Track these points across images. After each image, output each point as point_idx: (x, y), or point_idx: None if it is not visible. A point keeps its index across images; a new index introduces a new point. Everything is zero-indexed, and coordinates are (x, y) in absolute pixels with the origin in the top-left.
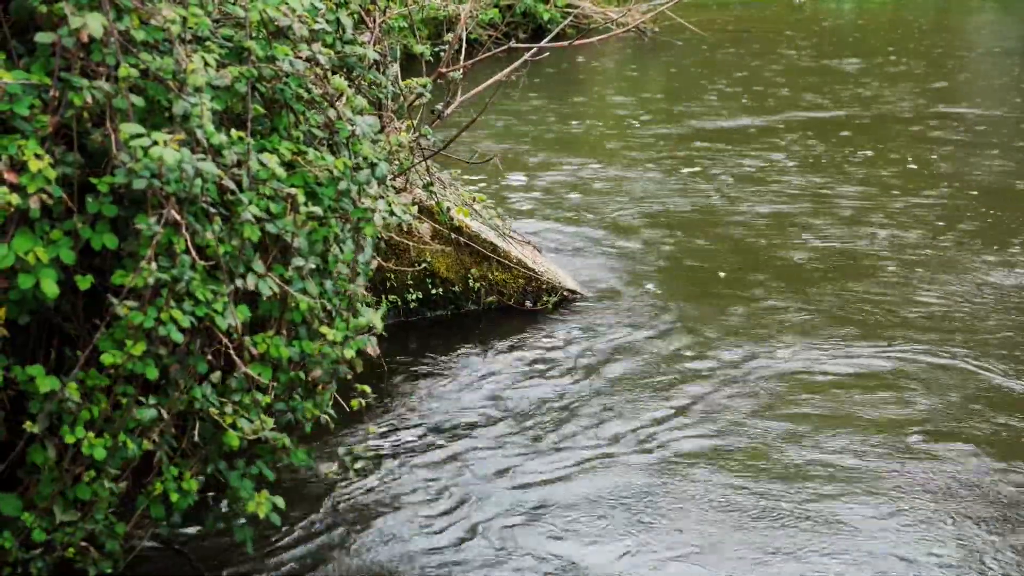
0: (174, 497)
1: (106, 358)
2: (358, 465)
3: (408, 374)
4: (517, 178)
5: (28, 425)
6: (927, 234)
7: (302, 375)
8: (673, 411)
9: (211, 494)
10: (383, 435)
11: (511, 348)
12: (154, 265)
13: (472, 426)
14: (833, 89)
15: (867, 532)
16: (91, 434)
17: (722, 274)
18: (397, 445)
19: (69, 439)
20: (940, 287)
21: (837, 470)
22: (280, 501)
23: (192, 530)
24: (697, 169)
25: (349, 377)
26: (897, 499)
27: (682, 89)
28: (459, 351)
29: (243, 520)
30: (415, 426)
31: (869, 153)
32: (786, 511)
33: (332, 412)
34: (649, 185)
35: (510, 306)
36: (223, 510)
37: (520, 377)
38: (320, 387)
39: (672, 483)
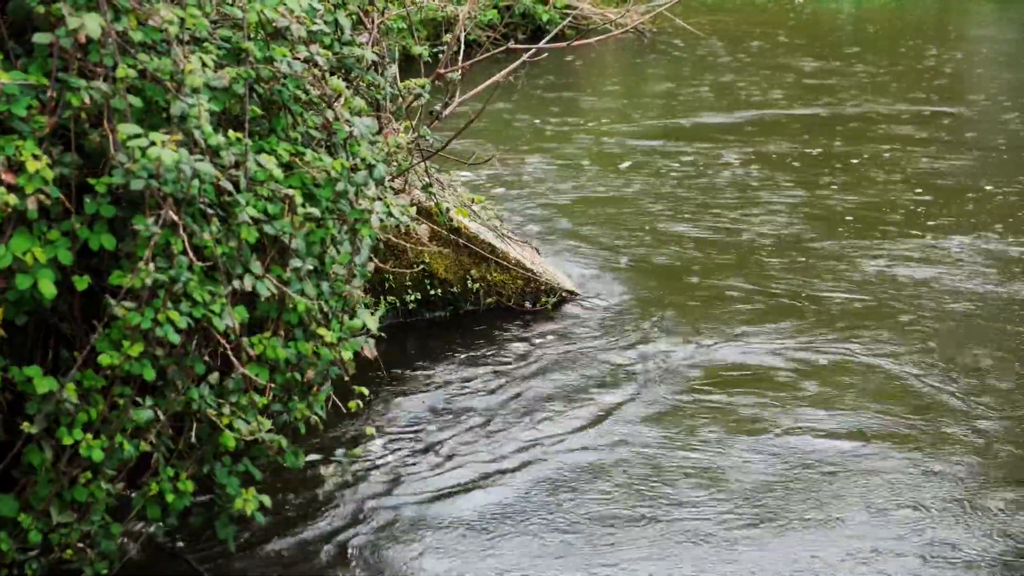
0: (170, 498)
1: (104, 359)
2: (355, 467)
3: (407, 375)
4: (502, 176)
5: (26, 426)
6: (854, 229)
7: (298, 376)
8: (665, 419)
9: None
10: (381, 437)
11: (510, 350)
12: (152, 266)
13: (470, 429)
14: (816, 89)
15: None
16: (89, 435)
17: (716, 271)
18: (395, 447)
19: (67, 440)
20: (865, 281)
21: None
22: (267, 500)
23: (186, 528)
24: (677, 167)
25: (347, 379)
26: (788, 504)
27: (673, 90)
28: (458, 353)
29: (227, 518)
30: (413, 428)
31: (820, 149)
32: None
33: (321, 413)
34: (628, 183)
35: (509, 307)
36: (211, 508)
37: (518, 380)
38: (314, 388)
39: (647, 504)
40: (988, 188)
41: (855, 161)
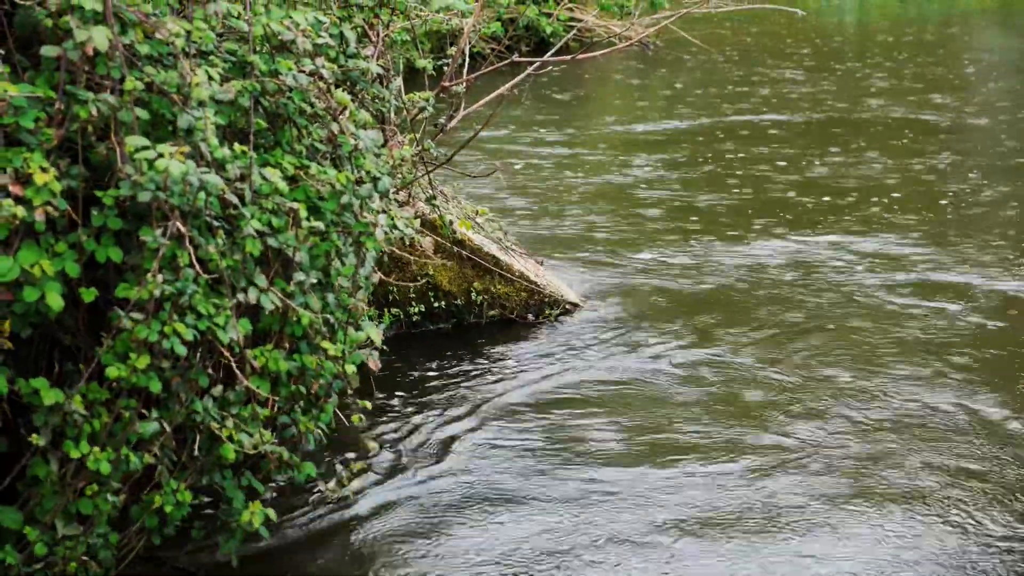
0: (169, 508)
1: (111, 371)
2: (356, 482)
3: (409, 388)
4: (502, 188)
5: (34, 438)
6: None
7: (302, 389)
8: (657, 439)
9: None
10: (382, 451)
11: (512, 363)
12: (159, 278)
13: (474, 443)
14: (798, 98)
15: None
16: (96, 448)
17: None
18: (397, 460)
19: (74, 454)
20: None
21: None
22: (272, 514)
23: (188, 541)
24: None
25: (351, 392)
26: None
27: (672, 101)
28: (461, 365)
29: (230, 532)
30: (416, 441)
31: (757, 151)
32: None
33: (324, 427)
34: (631, 193)
35: (512, 319)
36: (214, 520)
37: (521, 394)
38: (320, 401)
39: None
40: (896, 195)
41: (790, 162)
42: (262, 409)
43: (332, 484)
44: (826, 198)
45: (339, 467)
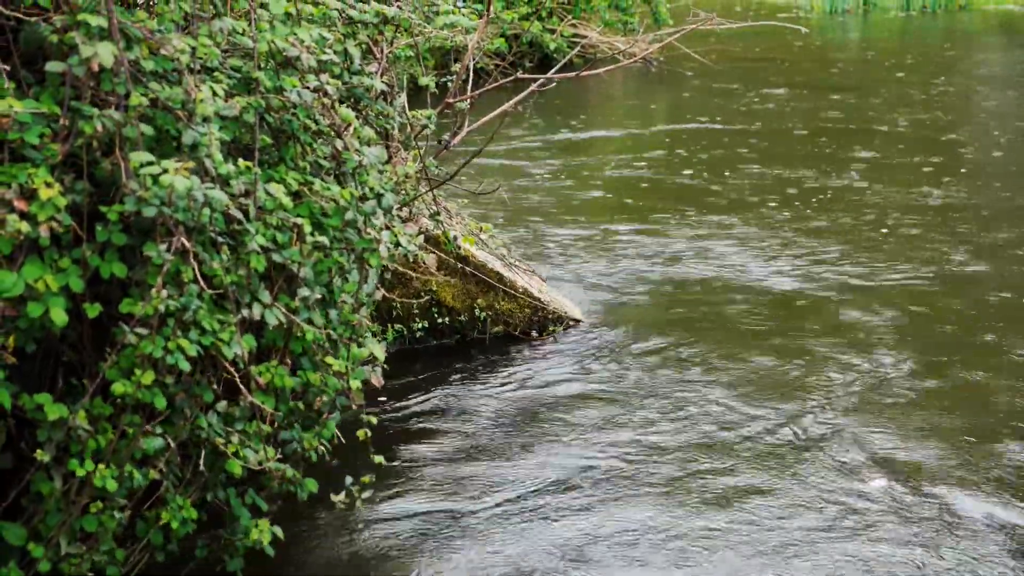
0: (174, 525)
1: (116, 387)
2: (365, 495)
3: (413, 403)
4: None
5: (39, 454)
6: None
7: (300, 406)
8: (661, 449)
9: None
10: (386, 465)
11: (516, 379)
12: (164, 293)
13: (477, 457)
14: (781, 112)
15: None
16: (102, 466)
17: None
18: (401, 476)
19: (80, 472)
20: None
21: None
22: (279, 531)
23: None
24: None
25: (355, 407)
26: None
27: (668, 115)
28: (464, 381)
29: (235, 550)
30: (419, 457)
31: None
32: None
33: (327, 444)
34: (633, 206)
35: (516, 335)
36: (218, 538)
37: (524, 409)
38: (323, 417)
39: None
40: (791, 200)
41: (740, 169)
42: (266, 426)
43: (341, 498)
44: (844, 219)
45: (347, 480)
